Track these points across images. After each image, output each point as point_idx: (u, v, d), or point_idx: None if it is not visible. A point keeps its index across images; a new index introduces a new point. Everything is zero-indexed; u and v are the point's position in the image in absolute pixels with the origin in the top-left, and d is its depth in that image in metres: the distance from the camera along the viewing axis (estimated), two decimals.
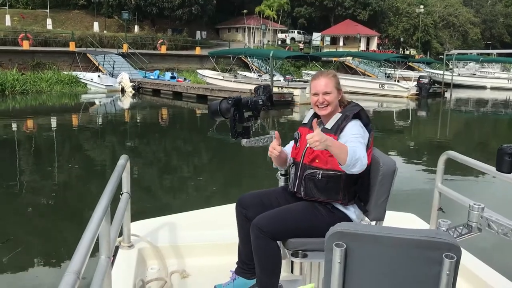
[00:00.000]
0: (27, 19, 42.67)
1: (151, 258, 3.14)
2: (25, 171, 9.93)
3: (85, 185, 9.00)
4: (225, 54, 33.47)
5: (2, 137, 14.19)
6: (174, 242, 3.28)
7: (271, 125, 17.95)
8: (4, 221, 6.82)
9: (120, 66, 30.51)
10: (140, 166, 10.11)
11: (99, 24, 43.91)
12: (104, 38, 39.30)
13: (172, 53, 39.02)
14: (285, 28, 56.88)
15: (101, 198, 1.88)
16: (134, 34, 42.98)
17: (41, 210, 7.42)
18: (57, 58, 31.78)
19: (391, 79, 31.21)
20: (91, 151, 12.92)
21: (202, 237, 3.37)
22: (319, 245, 2.21)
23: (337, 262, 1.54)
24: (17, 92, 25.60)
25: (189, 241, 3.30)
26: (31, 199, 7.89)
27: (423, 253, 1.51)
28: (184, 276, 3.03)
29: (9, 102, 23.69)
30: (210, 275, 2.98)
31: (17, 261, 5.45)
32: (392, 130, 18.83)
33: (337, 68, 40.22)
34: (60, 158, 11.53)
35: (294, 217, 2.45)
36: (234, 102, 2.74)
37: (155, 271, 3.04)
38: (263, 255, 2.43)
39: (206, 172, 10.48)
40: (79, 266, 1.35)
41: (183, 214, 3.82)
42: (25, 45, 31.51)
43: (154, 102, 26.22)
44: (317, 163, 2.48)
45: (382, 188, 2.48)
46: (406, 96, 28.88)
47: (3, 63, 29.62)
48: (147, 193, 8.44)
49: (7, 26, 37.24)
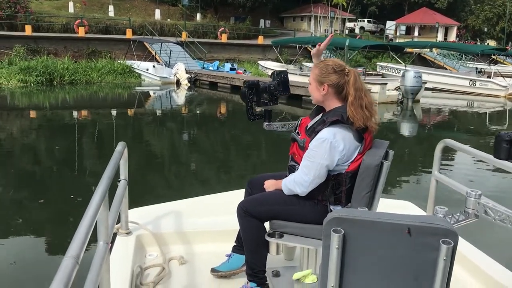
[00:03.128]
0: (89, 5, 40.77)
1: (149, 244, 3.08)
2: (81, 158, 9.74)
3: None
4: (290, 43, 29.09)
5: (60, 128, 13.42)
6: (172, 229, 3.21)
7: None
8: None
9: (177, 56, 27.37)
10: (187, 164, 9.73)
11: (163, 12, 41.32)
12: (165, 26, 36.42)
13: (233, 42, 35.40)
14: (354, 17, 51.90)
15: (98, 185, 1.81)
16: (196, 23, 39.86)
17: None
18: (113, 46, 29.17)
19: (483, 75, 25.93)
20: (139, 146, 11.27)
21: (200, 224, 3.30)
22: (297, 230, 2.41)
23: (335, 247, 1.51)
24: (66, 82, 23.12)
25: (187, 228, 3.23)
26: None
27: (420, 238, 1.47)
28: (182, 262, 2.96)
29: (58, 92, 21.21)
30: (208, 261, 2.93)
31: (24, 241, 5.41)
32: (481, 132, 15.20)
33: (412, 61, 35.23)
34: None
35: (274, 200, 2.46)
36: (249, 85, 2.72)
37: (153, 257, 2.99)
38: (246, 234, 2.49)
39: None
40: (77, 251, 1.31)
41: (182, 201, 3.73)
42: (81, 32, 29.11)
43: (210, 95, 22.92)
44: (296, 157, 2.47)
45: (363, 182, 2.32)
46: (504, 95, 23.71)
47: (59, 50, 27.38)
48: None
49: (69, 13, 35.44)
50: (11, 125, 14.05)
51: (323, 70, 2.37)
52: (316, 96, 2.43)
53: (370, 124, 2.32)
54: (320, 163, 2.29)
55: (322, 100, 2.42)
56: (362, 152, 2.34)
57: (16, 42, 25.94)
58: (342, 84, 2.34)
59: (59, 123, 14.59)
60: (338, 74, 2.35)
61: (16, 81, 21.54)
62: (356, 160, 2.33)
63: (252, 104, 2.74)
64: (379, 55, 35.99)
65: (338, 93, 2.37)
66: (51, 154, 10.24)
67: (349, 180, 2.35)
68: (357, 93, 2.31)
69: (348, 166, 2.34)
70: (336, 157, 2.29)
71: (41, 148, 11.00)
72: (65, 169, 8.88)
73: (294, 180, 2.38)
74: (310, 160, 2.32)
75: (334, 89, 2.36)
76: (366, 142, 2.35)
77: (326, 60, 2.43)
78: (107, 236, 1.82)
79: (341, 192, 2.38)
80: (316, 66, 2.43)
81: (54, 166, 9.30)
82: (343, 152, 2.29)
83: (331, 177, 2.36)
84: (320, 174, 2.31)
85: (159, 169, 9.05)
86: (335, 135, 2.28)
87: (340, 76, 2.35)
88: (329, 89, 2.36)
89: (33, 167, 9.12)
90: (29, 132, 12.84)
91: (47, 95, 20.53)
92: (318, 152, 2.29)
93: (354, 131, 2.30)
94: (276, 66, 23.86)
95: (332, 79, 2.35)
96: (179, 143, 12.37)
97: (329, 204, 2.40)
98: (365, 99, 2.32)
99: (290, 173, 2.48)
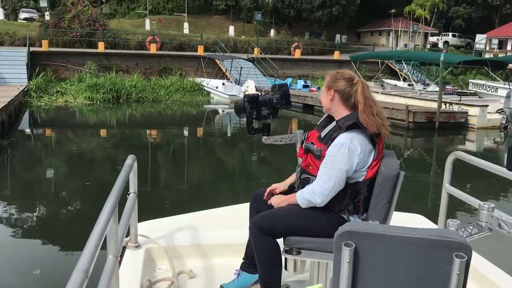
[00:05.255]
0: (166, 23, 40.34)
1: (158, 258, 3.01)
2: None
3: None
4: (371, 58, 25.80)
5: (129, 144, 13.17)
6: (181, 243, 3.13)
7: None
8: None
9: (247, 73, 25.41)
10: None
11: (237, 29, 39.96)
12: (238, 42, 34.84)
13: (306, 58, 32.88)
14: (436, 31, 47.50)
15: (108, 198, 1.77)
16: (269, 38, 37.94)
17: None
18: (184, 63, 27.87)
19: None
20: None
21: (209, 237, 3.21)
22: (315, 245, 2.31)
23: (346, 261, 1.46)
24: (132, 100, 21.89)
25: (197, 241, 3.16)
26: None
27: (433, 252, 1.42)
28: (191, 276, 2.89)
29: (124, 109, 19.99)
30: (217, 275, 2.89)
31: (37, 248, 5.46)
32: None
33: (506, 77, 30.74)
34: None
35: (290, 216, 2.36)
36: (250, 99, 2.67)
37: (162, 271, 2.92)
38: (261, 251, 2.39)
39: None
40: (87, 265, 1.29)
41: (190, 214, 3.64)
42: (152, 49, 28.06)
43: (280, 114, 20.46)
44: (310, 169, 2.40)
45: (382, 192, 2.28)
46: None
47: (130, 67, 26.49)
48: None
49: (145, 30, 34.99)
50: (85, 141, 13.62)
51: (333, 76, 2.40)
52: (324, 102, 2.42)
53: (382, 131, 2.29)
54: (340, 169, 2.24)
55: (329, 107, 2.40)
56: (376, 158, 2.30)
57: (89, 59, 25.36)
58: (349, 92, 2.33)
59: (127, 140, 13.97)
60: (346, 81, 2.35)
61: (83, 98, 20.58)
62: (372, 167, 2.29)
63: (252, 118, 2.67)
64: (467, 71, 31.95)
65: (345, 100, 2.34)
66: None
67: (366, 189, 2.31)
68: (366, 101, 2.29)
69: (365, 174, 2.29)
70: (355, 161, 2.25)
71: (107, 165, 10.53)
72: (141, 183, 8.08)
73: (313, 191, 2.29)
74: (328, 167, 2.27)
75: (340, 95, 2.35)
76: (379, 148, 2.32)
77: (339, 70, 2.46)
78: (116, 249, 1.78)
79: (359, 201, 2.33)
80: (328, 73, 2.45)
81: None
82: (361, 155, 2.26)
83: (349, 185, 2.30)
84: (340, 181, 2.26)
85: (219, 179, 8.91)
86: (352, 139, 2.26)
87: (347, 84, 2.35)
88: (335, 94, 2.36)
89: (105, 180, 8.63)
90: (98, 148, 12.59)
91: (114, 112, 19.39)
92: (337, 157, 2.25)
93: (368, 136, 2.28)
94: None
95: (339, 85, 2.35)
96: (245, 161, 11.55)
97: (347, 213, 2.33)
98: (375, 107, 2.31)
99: (303, 186, 2.39)
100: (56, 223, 6.75)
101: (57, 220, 6.89)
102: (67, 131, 15.32)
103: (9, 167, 9.93)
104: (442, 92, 16.88)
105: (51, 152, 11.73)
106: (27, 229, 6.39)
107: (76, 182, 8.83)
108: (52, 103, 19.82)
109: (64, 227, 6.56)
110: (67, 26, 28.74)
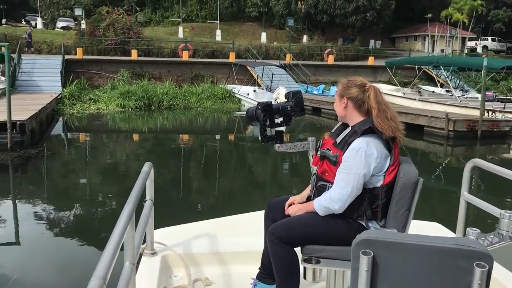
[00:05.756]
0: (200, 31, 40.38)
1: (174, 265, 2.98)
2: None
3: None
4: (409, 64, 24.55)
5: (161, 151, 13.12)
6: (197, 250, 3.11)
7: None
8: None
9: (279, 79, 24.91)
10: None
11: (269, 35, 39.59)
12: (270, 49, 34.41)
13: (340, 64, 32.10)
14: (474, 35, 45.73)
15: (125, 205, 1.76)
16: (301, 44, 37.34)
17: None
18: (216, 70, 27.65)
19: None
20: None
21: (225, 244, 3.16)
22: (334, 253, 2.24)
23: (364, 270, 1.42)
24: (164, 107, 21.73)
25: (213, 249, 3.12)
26: None
27: (453, 261, 1.38)
28: (207, 284, 2.85)
29: (156, 116, 19.85)
30: (233, 283, 2.87)
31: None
32: None
33: None
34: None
35: (308, 224, 2.32)
36: (264, 107, 2.64)
37: (178, 278, 2.89)
38: (279, 260, 2.34)
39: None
40: (105, 272, 1.28)
41: (207, 221, 3.59)
42: (185, 56, 27.98)
43: (312, 122, 20.13)
44: (326, 176, 2.35)
45: (401, 200, 2.22)
46: None
47: (162, 75, 26.47)
48: None
49: (178, 38, 35.08)
50: (115, 147, 13.55)
51: (345, 84, 2.39)
52: (338, 110, 2.41)
53: (398, 135, 2.27)
54: (358, 173, 2.21)
55: (344, 115, 2.39)
56: (393, 163, 2.27)
57: (123, 67, 25.49)
58: (362, 98, 2.32)
59: (155, 147, 13.82)
60: (358, 88, 2.34)
61: (115, 105, 20.56)
62: (390, 173, 2.26)
63: (266, 126, 2.65)
64: (508, 76, 30.50)
65: (358, 106, 2.34)
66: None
67: (384, 194, 2.27)
68: (380, 106, 2.29)
69: (383, 179, 2.26)
70: (372, 165, 2.22)
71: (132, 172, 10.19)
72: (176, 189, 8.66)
73: (330, 197, 2.25)
74: (346, 172, 2.23)
75: (353, 102, 2.34)
76: (395, 153, 2.29)
77: (350, 77, 2.45)
78: (133, 256, 1.78)
79: (377, 207, 2.29)
80: (340, 82, 2.45)
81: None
82: (378, 159, 2.23)
83: (367, 191, 2.27)
84: (358, 185, 2.22)
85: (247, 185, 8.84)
86: (368, 143, 2.24)
87: (359, 90, 2.34)
88: (348, 102, 2.35)
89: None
90: (127, 154, 12.58)
91: (145, 119, 19.26)
92: (354, 162, 2.22)
93: (383, 141, 2.26)
94: (390, 90, 20.09)
95: (352, 92, 2.34)
96: (274, 168, 11.25)
97: (365, 218, 2.30)
98: (389, 112, 2.30)
99: (320, 194, 2.35)
100: (83, 227, 6.67)
101: (84, 224, 6.85)
102: (98, 138, 15.24)
103: (34, 176, 9.76)
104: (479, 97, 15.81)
105: (78, 160, 11.55)
106: (58, 231, 6.46)
107: (107, 188, 8.79)
108: (85, 111, 19.86)
109: (89, 230, 6.60)
110: (102, 34, 29.07)
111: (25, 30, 30.37)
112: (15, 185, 9.06)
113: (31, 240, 6.08)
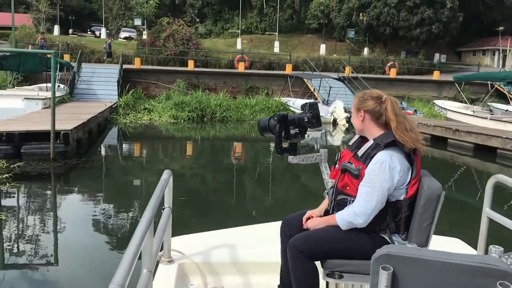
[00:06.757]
0: (259, 43, 39.86)
1: (191, 274, 2.95)
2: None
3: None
4: (480, 79, 22.34)
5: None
6: (214, 259, 3.05)
7: None
8: None
9: (336, 93, 23.63)
10: None
11: (329, 47, 38.35)
12: (329, 61, 33.14)
13: (402, 77, 30.24)
14: None
15: (144, 212, 1.77)
16: (362, 57, 35.75)
17: None
18: (272, 82, 26.81)
19: None
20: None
21: (243, 254, 3.10)
22: (357, 267, 2.18)
23: (383, 285, 1.40)
24: (217, 119, 21.09)
25: (230, 258, 3.06)
26: None
27: (475, 280, 1.34)
28: None
29: (209, 129, 19.22)
30: None
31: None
32: None
33: None
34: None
35: (331, 237, 2.26)
36: (280, 118, 2.59)
37: (195, 287, 2.86)
38: (300, 275, 2.27)
39: None
40: (123, 279, 1.27)
41: (224, 230, 3.52)
42: (240, 67, 27.37)
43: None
44: (348, 190, 2.29)
45: (425, 213, 2.16)
46: None
47: (218, 86, 25.98)
48: None
49: (236, 49, 34.69)
50: (164, 160, 13.09)
51: (360, 98, 2.36)
52: (356, 124, 2.39)
53: (418, 145, 2.23)
54: (382, 187, 2.17)
55: (362, 128, 2.36)
56: (415, 176, 2.22)
57: (179, 77, 25.26)
58: (379, 110, 2.28)
59: (202, 160, 13.26)
60: (375, 100, 2.31)
61: (168, 116, 20.15)
62: (412, 185, 2.21)
63: (281, 137, 2.62)
64: None
65: (376, 118, 2.30)
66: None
67: (407, 208, 2.23)
68: (398, 117, 2.25)
69: (406, 192, 2.21)
70: (396, 178, 2.19)
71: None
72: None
73: (354, 212, 2.19)
74: (370, 186, 2.19)
75: (371, 115, 2.30)
76: (417, 165, 2.24)
77: (366, 90, 2.41)
78: (151, 264, 1.78)
79: (400, 220, 2.24)
80: (356, 95, 2.40)
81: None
82: (401, 173, 2.19)
83: (390, 204, 2.23)
84: (382, 199, 2.18)
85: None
86: (391, 156, 2.20)
87: (376, 103, 2.30)
88: (365, 115, 2.32)
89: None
90: (177, 167, 11.84)
91: (198, 132, 18.63)
92: (379, 176, 2.18)
93: (405, 153, 2.22)
94: (458, 108, 18.20)
95: (368, 105, 2.30)
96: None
97: (389, 232, 2.25)
98: (407, 123, 2.27)
99: (340, 208, 2.30)
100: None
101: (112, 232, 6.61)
102: (149, 147, 14.73)
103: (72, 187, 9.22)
104: None
105: (117, 172, 10.96)
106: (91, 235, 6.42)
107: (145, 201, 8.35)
108: (137, 121, 19.55)
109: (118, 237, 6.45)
110: (162, 45, 29.15)
111: (90, 40, 31.17)
112: (52, 195, 8.69)
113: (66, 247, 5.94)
